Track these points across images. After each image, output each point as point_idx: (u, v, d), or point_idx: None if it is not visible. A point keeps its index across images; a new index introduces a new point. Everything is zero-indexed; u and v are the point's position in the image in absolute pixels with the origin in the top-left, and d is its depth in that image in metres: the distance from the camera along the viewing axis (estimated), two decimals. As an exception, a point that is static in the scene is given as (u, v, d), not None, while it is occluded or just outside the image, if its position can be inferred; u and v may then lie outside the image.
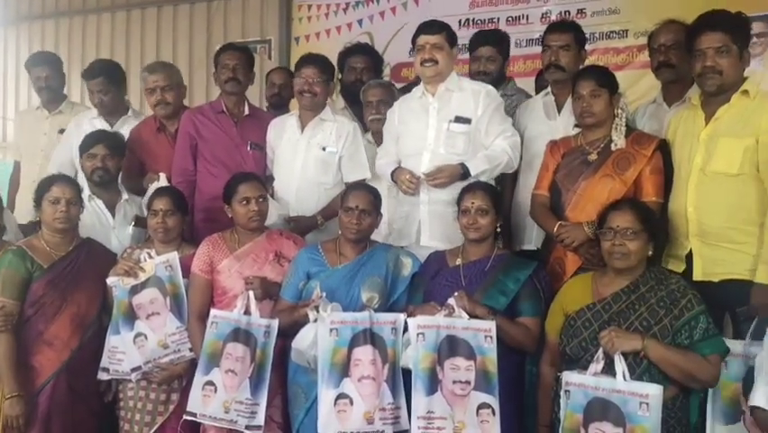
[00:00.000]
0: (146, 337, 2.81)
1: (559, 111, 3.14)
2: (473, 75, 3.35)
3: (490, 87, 3.05)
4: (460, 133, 2.95)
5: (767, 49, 4.41)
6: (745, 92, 2.53)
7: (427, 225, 2.96)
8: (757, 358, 2.18)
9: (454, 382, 2.38)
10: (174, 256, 2.88)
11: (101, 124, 3.64)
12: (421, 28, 3.03)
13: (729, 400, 2.29)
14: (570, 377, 2.24)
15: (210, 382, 2.66)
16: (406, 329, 2.51)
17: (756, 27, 4.17)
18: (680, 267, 2.58)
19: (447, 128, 2.96)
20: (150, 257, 2.88)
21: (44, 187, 2.88)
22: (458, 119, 2.96)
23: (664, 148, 2.70)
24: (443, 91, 3.02)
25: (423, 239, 2.97)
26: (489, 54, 3.34)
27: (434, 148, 2.96)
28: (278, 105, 3.99)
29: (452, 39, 3.02)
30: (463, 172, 2.88)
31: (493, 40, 3.40)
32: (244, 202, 2.86)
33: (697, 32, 2.56)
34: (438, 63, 2.96)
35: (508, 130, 3.00)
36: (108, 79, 3.64)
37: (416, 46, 3.01)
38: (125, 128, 3.62)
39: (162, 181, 3.28)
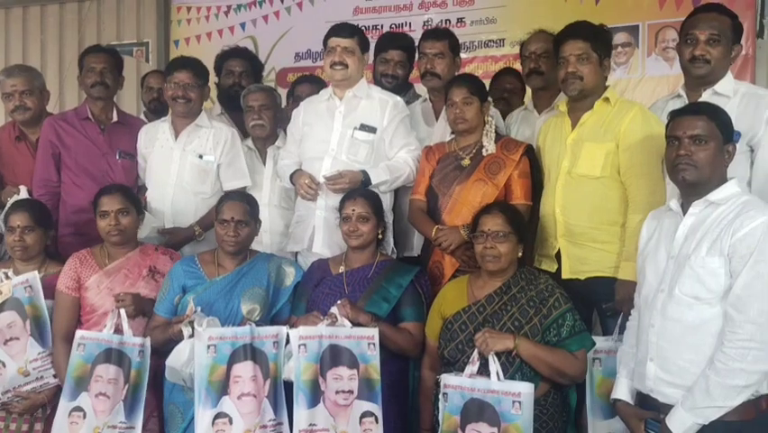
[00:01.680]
0: (4, 365, 2.62)
1: (436, 117, 3.20)
2: (381, 76, 3.33)
3: (398, 99, 3.05)
4: (363, 142, 2.94)
5: (631, 58, 4.70)
6: (607, 99, 2.67)
7: (321, 232, 2.93)
8: (618, 352, 2.30)
9: (337, 391, 2.36)
10: (34, 276, 2.69)
11: None
12: (333, 30, 2.98)
13: (606, 396, 2.37)
14: (447, 379, 2.27)
15: (78, 408, 2.52)
16: (288, 341, 2.45)
17: (622, 37, 4.48)
18: (552, 266, 2.69)
19: (351, 135, 2.94)
20: (8, 277, 2.68)
21: None
22: (363, 127, 2.94)
23: (531, 153, 2.81)
24: (351, 97, 2.99)
25: (315, 246, 2.94)
26: (399, 59, 3.32)
27: (337, 154, 2.93)
28: (158, 110, 3.82)
29: (363, 44, 3.00)
30: (364, 180, 2.87)
31: (404, 45, 3.38)
32: (104, 216, 2.72)
33: (561, 41, 2.69)
34: (348, 67, 2.93)
35: (412, 143, 3.01)
36: None
37: (327, 48, 2.97)
38: None
39: (23, 194, 3.08)
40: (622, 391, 2.20)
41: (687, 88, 2.68)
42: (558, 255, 2.67)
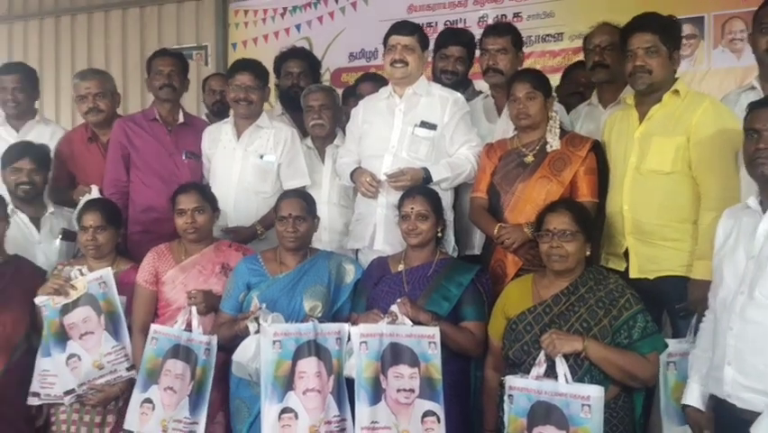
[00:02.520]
0: (80, 358, 2.70)
1: (499, 114, 3.16)
2: (440, 72, 3.32)
3: (459, 95, 3.03)
4: (424, 139, 2.93)
5: (696, 50, 4.56)
6: (676, 92, 2.59)
7: (382, 229, 2.93)
8: (690, 356, 2.23)
9: (398, 390, 2.35)
10: (108, 272, 2.77)
11: (6, 132, 3.52)
12: (393, 28, 2.99)
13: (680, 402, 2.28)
14: (513, 381, 2.23)
15: (148, 400, 2.59)
16: (349, 338, 2.46)
17: (686, 29, 4.31)
18: (620, 265, 2.63)
19: (412, 132, 2.93)
20: (82, 274, 2.76)
21: None
22: (423, 124, 2.93)
23: (598, 149, 2.74)
24: (411, 94, 2.99)
25: (377, 243, 2.94)
26: (459, 54, 3.30)
27: (397, 151, 2.93)
28: (220, 112, 3.90)
29: (423, 41, 2.99)
30: (425, 177, 2.86)
31: (464, 40, 3.36)
32: (180, 214, 2.79)
33: (628, 33, 2.62)
34: (408, 65, 2.93)
35: (473, 140, 2.98)
36: (25, 77, 3.54)
37: (387, 46, 2.97)
38: (33, 133, 3.50)
39: (94, 194, 3.18)
40: (693, 397, 2.13)
41: (762, 80, 2.57)
42: (626, 254, 2.60)
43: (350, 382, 2.45)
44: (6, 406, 2.68)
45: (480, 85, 3.38)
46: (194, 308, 2.65)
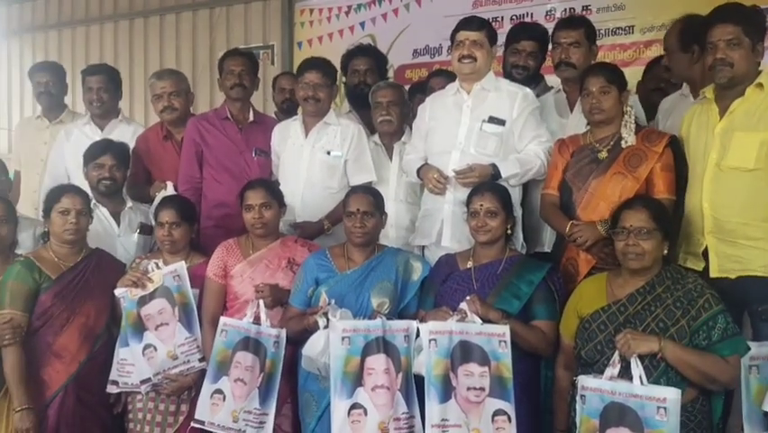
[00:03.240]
0: (155, 349, 2.78)
1: (571, 109, 3.10)
2: (511, 67, 3.28)
3: (528, 91, 2.99)
4: (492, 134, 2.89)
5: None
6: (760, 85, 2.48)
7: (450, 226, 2.91)
8: None
9: (468, 388, 2.34)
10: (182, 266, 2.85)
11: (91, 130, 3.67)
12: (461, 23, 2.96)
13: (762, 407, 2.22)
14: (585, 381, 2.19)
15: (219, 391, 2.65)
16: (417, 335, 2.46)
17: (768, 20, 4.14)
18: (699, 265, 2.54)
19: (480, 128, 2.90)
20: (158, 267, 2.85)
21: (54, 197, 2.86)
22: (492, 119, 2.90)
23: (675, 144, 2.66)
24: (479, 90, 2.96)
25: (444, 239, 2.93)
26: (531, 49, 3.25)
27: (465, 147, 2.91)
28: (289, 110, 3.96)
29: (492, 36, 2.96)
30: (494, 173, 2.83)
31: (536, 35, 3.31)
32: (248, 209, 2.85)
33: (709, 25, 2.52)
34: (477, 60, 2.90)
35: (543, 135, 2.94)
36: (109, 78, 3.70)
37: (455, 42, 2.95)
38: (116, 132, 3.64)
39: (170, 190, 3.29)
40: None
41: None
42: (705, 253, 2.51)
43: (418, 380, 2.44)
44: (89, 393, 2.79)
45: (552, 80, 3.31)
46: (262, 302, 2.70)
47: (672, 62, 3.07)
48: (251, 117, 3.44)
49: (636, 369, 2.12)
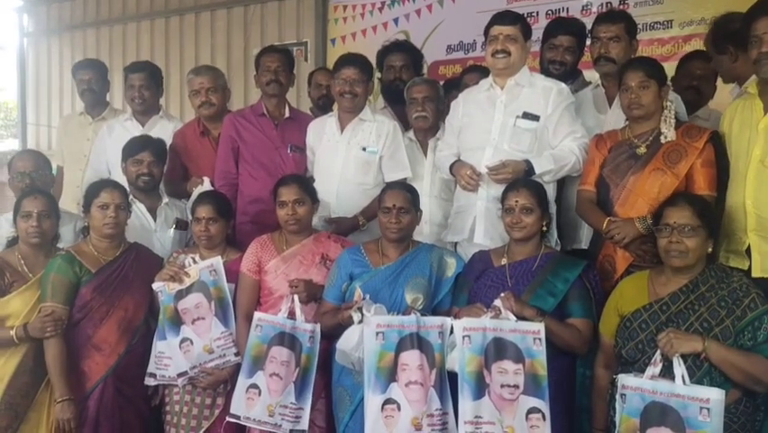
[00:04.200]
0: (192, 342, 2.82)
1: (609, 104, 3.06)
2: (548, 62, 3.26)
3: (563, 86, 2.95)
4: (526, 130, 2.87)
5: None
6: (807, 78, 2.42)
7: (483, 222, 2.90)
8: None
9: (502, 385, 2.33)
10: (218, 261, 2.88)
11: (133, 126, 3.73)
12: (495, 18, 2.94)
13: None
14: (626, 380, 2.16)
15: (254, 385, 2.67)
16: (451, 331, 2.45)
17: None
18: (742, 263, 2.49)
19: (514, 123, 2.88)
20: (195, 262, 2.89)
21: (93, 192, 2.90)
22: (526, 115, 2.87)
23: (716, 140, 2.60)
24: (513, 85, 2.94)
25: (477, 236, 2.91)
26: (568, 44, 3.23)
27: (498, 143, 2.89)
28: (325, 106, 3.98)
29: (526, 31, 2.93)
30: (528, 169, 2.80)
31: (574, 30, 3.28)
32: (281, 205, 2.87)
33: (753, 17, 2.47)
34: (511, 55, 2.87)
35: (578, 131, 2.90)
36: (150, 75, 3.76)
37: (489, 37, 2.93)
38: (157, 128, 3.70)
39: (206, 185, 3.32)
40: None
41: None
42: (748, 251, 2.46)
43: (451, 376, 2.44)
44: (128, 385, 2.84)
45: (590, 75, 3.26)
46: (296, 297, 2.71)
47: (716, 66, 3.00)
48: (287, 113, 3.46)
49: (679, 368, 2.08)
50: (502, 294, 2.43)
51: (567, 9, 4.91)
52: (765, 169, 2.42)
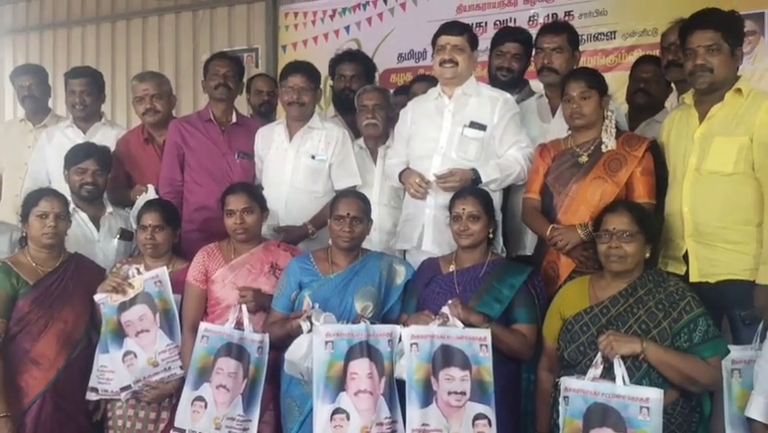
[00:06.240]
0: (135, 355, 2.75)
1: (553, 114, 3.12)
2: (496, 69, 3.31)
3: (508, 96, 3.01)
4: (473, 139, 2.91)
5: (756, 47, 4.41)
6: (739, 90, 2.51)
7: (431, 230, 2.92)
8: (755, 367, 2.16)
9: (449, 392, 2.34)
10: (163, 271, 2.83)
11: (74, 133, 3.64)
12: (442, 28, 2.97)
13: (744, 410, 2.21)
14: (568, 382, 2.20)
15: (200, 398, 2.62)
16: (400, 339, 2.45)
17: (746, 25, 4.19)
18: (680, 268, 2.56)
19: (461, 132, 2.92)
20: (139, 272, 2.82)
21: (32, 201, 2.82)
22: (473, 124, 2.92)
23: (655, 149, 2.68)
24: (460, 95, 2.97)
25: (425, 244, 2.93)
26: (515, 51, 3.29)
27: (446, 151, 2.92)
28: (267, 112, 3.95)
29: (473, 41, 2.97)
30: (475, 178, 2.84)
31: (521, 38, 3.35)
32: (230, 214, 2.83)
33: (689, 31, 2.55)
34: (458, 65, 2.91)
35: (523, 141, 2.96)
36: (92, 80, 3.67)
37: (436, 46, 2.96)
38: (99, 135, 3.62)
39: (151, 193, 3.26)
40: (756, 410, 2.09)
41: None
42: (685, 257, 2.53)
43: (400, 384, 2.44)
44: (68, 400, 2.75)
45: (537, 86, 3.33)
46: (244, 307, 2.67)
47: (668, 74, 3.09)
48: (234, 119, 3.43)
49: (619, 370, 2.13)
50: (449, 301, 2.45)
51: (515, 19, 4.99)
52: (701, 177, 2.50)
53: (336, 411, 2.39)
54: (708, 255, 2.48)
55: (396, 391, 2.45)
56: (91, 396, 2.79)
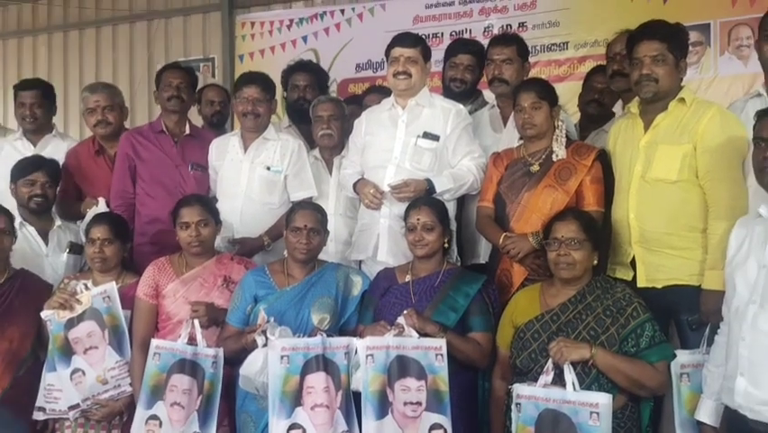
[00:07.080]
0: (84, 373, 2.69)
1: (504, 124, 3.16)
2: (450, 80, 3.35)
3: (461, 107, 3.04)
4: (427, 149, 2.93)
5: (702, 57, 4.54)
6: (682, 100, 2.57)
7: (386, 240, 2.93)
8: (704, 370, 2.21)
9: (405, 403, 2.33)
10: (112, 287, 2.77)
11: (23, 146, 3.56)
12: (396, 40, 3.00)
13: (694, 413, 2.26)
14: (520, 389, 2.22)
15: (154, 417, 2.56)
16: (356, 351, 2.44)
17: (692, 36, 4.30)
18: (627, 274, 2.61)
19: (415, 143, 2.94)
20: (87, 288, 2.76)
21: None
22: (426, 135, 2.94)
23: (603, 158, 2.73)
24: (414, 105, 3.00)
25: (380, 254, 2.94)
26: (468, 63, 3.32)
27: (400, 162, 2.94)
28: (219, 123, 3.90)
29: (426, 53, 3.00)
30: (429, 188, 2.86)
31: (473, 49, 3.39)
32: (184, 227, 2.79)
33: (635, 41, 2.60)
34: (411, 77, 2.93)
35: (476, 151, 2.99)
36: (43, 93, 3.60)
37: (390, 58, 2.99)
38: (49, 148, 3.55)
39: (101, 206, 3.20)
40: (706, 414, 2.14)
41: None
42: (633, 263, 2.58)
43: (357, 396, 2.42)
44: (13, 421, 2.67)
45: (489, 96, 3.38)
46: (197, 322, 2.63)
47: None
48: (188, 131, 3.39)
49: (569, 376, 2.16)
50: (405, 311, 2.45)
51: (470, 30, 5.07)
52: (646, 184, 2.55)
53: (292, 427, 2.36)
54: (654, 261, 2.54)
55: (353, 403, 2.43)
56: (38, 416, 2.72)
